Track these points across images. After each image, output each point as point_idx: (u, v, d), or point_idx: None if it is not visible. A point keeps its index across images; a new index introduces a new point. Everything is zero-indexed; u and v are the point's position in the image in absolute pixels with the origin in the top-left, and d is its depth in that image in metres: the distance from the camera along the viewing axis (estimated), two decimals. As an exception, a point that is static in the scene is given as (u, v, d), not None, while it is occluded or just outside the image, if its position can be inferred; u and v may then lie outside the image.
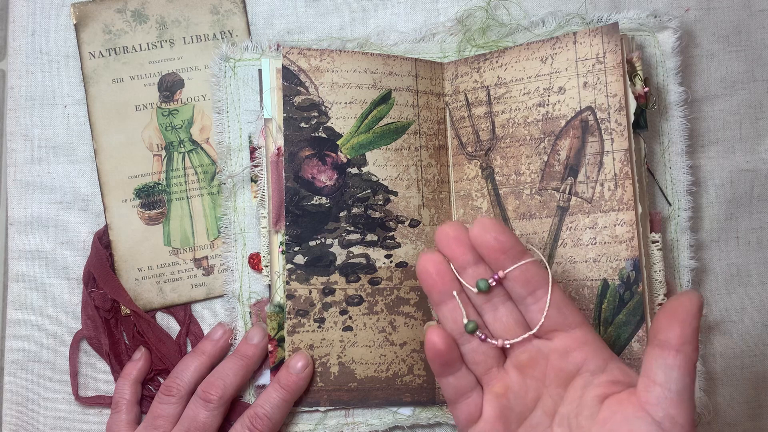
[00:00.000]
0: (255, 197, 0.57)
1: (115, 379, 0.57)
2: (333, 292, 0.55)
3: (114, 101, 0.60)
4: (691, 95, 0.59)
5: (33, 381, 0.58)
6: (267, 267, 0.56)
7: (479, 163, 0.57)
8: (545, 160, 0.55)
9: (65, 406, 0.58)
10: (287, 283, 0.55)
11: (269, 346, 0.55)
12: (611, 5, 0.59)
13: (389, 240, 0.56)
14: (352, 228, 0.56)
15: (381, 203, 0.56)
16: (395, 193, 0.56)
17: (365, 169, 0.56)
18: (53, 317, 0.59)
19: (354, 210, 0.56)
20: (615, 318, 0.52)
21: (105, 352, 0.58)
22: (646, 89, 0.54)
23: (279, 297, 0.55)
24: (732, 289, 0.59)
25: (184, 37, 0.60)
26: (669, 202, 0.57)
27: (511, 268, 0.44)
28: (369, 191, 0.56)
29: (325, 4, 0.61)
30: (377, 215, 0.56)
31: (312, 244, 0.55)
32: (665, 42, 0.57)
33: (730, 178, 0.59)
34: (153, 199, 0.59)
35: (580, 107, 0.54)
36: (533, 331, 0.45)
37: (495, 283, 0.45)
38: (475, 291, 0.45)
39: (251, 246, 0.58)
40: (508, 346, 0.46)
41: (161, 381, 0.58)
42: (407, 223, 0.56)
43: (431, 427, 0.58)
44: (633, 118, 0.53)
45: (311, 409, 0.56)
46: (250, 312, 0.57)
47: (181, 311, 0.59)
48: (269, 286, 0.56)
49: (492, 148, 0.57)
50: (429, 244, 0.57)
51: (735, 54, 0.60)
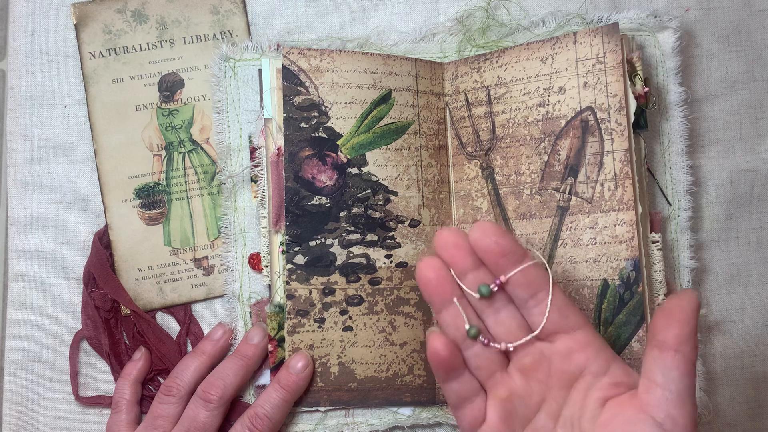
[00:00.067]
0: (255, 197, 0.57)
1: (115, 379, 0.57)
2: (333, 292, 0.55)
3: (114, 101, 0.60)
4: (691, 95, 0.59)
5: (33, 381, 0.58)
6: (267, 267, 0.56)
7: (479, 163, 0.57)
8: (545, 160, 0.55)
9: (65, 406, 0.58)
10: (287, 283, 0.55)
11: (269, 346, 0.55)
12: (611, 5, 0.59)
13: (389, 240, 0.56)
14: (352, 228, 0.56)
15: (381, 203, 0.56)
16: (395, 193, 0.56)
17: (365, 169, 0.56)
18: (53, 317, 0.59)
19: (354, 210, 0.56)
20: (615, 318, 0.52)
21: (105, 352, 0.58)
22: (646, 89, 0.54)
23: (279, 297, 0.55)
24: (732, 289, 0.59)
25: (184, 37, 0.60)
26: (669, 202, 0.57)
27: (513, 272, 0.44)
28: (369, 191, 0.56)
29: (325, 4, 0.61)
30: (377, 215, 0.56)
31: (312, 244, 0.55)
32: (665, 42, 0.57)
33: (730, 178, 0.59)
34: (153, 199, 0.59)
35: (580, 107, 0.54)
36: (535, 333, 0.44)
37: (497, 288, 0.45)
38: (477, 297, 0.45)
39: (251, 246, 0.58)
40: (511, 349, 0.45)
41: (161, 381, 0.58)
42: (407, 223, 0.56)
43: (431, 427, 0.58)
44: (633, 118, 0.53)
45: (311, 409, 0.56)
46: (250, 312, 0.57)
47: (181, 311, 0.59)
48: (269, 286, 0.56)
49: (492, 148, 0.57)
50: (429, 244, 0.57)
51: (735, 54, 0.60)
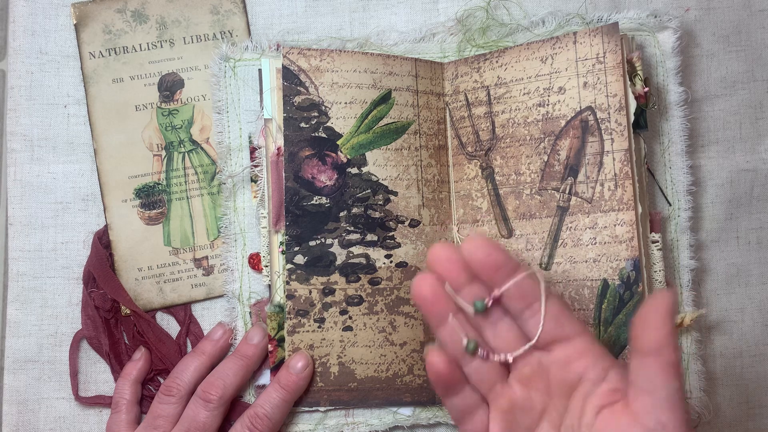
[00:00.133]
0: (255, 197, 0.57)
1: (115, 379, 0.57)
2: (333, 292, 0.55)
3: (114, 101, 0.60)
4: (691, 95, 0.59)
5: (33, 381, 0.58)
6: (267, 267, 0.56)
7: (479, 163, 0.57)
8: (545, 160, 0.55)
9: (65, 406, 0.58)
10: (287, 283, 0.55)
11: (269, 346, 0.55)
12: (611, 5, 0.59)
13: (389, 240, 0.56)
14: (352, 228, 0.56)
15: (381, 203, 0.56)
16: (395, 193, 0.56)
17: (365, 169, 0.56)
18: (53, 317, 0.59)
19: (354, 210, 0.56)
20: (615, 318, 0.52)
21: (105, 352, 0.58)
22: (646, 89, 0.54)
23: (279, 297, 0.55)
24: (732, 289, 0.59)
25: (184, 37, 0.60)
26: (669, 202, 0.57)
27: (506, 286, 0.43)
28: (369, 191, 0.56)
29: (325, 4, 0.61)
30: (377, 215, 0.56)
31: (312, 244, 0.55)
32: (665, 42, 0.57)
33: (730, 178, 0.59)
34: (153, 199, 0.59)
35: (580, 107, 0.54)
36: (532, 343, 0.44)
37: (491, 303, 0.44)
38: (472, 312, 0.45)
39: (251, 246, 0.58)
40: (510, 360, 0.45)
41: (161, 381, 0.58)
42: (407, 223, 0.56)
43: (431, 427, 0.58)
44: (633, 118, 0.53)
45: (311, 409, 0.56)
46: (250, 312, 0.57)
47: (181, 311, 0.59)
48: (269, 286, 0.56)
49: (492, 148, 0.57)
50: (429, 244, 0.57)
51: (735, 54, 0.60)
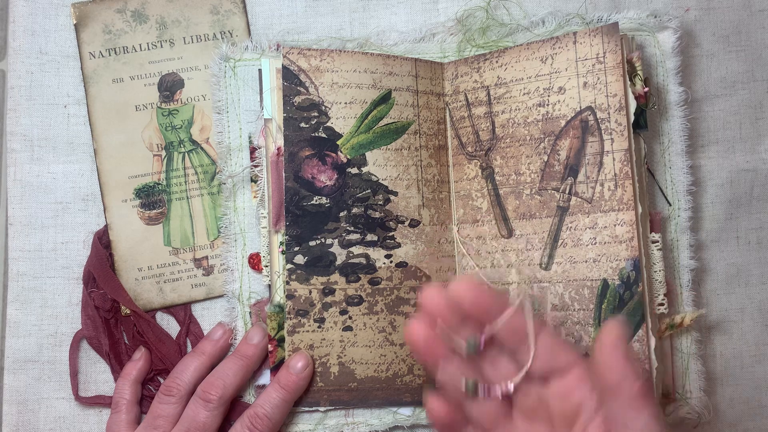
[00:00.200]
0: (255, 197, 0.57)
1: (115, 379, 0.57)
2: (333, 292, 0.55)
3: (114, 101, 0.60)
4: (691, 95, 0.59)
5: (33, 381, 0.58)
6: (267, 267, 0.56)
7: (479, 163, 0.57)
8: (545, 160, 0.55)
9: (65, 406, 0.58)
10: (287, 283, 0.55)
11: (269, 346, 0.55)
12: (611, 5, 0.59)
13: (389, 240, 0.56)
14: (352, 228, 0.56)
15: (381, 203, 0.56)
16: (395, 193, 0.56)
17: (365, 169, 0.56)
18: (53, 317, 0.59)
19: (354, 210, 0.56)
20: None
21: (105, 352, 0.58)
22: (646, 89, 0.54)
23: (279, 297, 0.55)
24: (732, 289, 0.59)
25: (184, 37, 0.60)
26: (669, 202, 0.57)
27: (495, 327, 0.43)
28: (369, 191, 0.56)
29: (325, 4, 0.61)
30: (377, 215, 0.56)
31: (312, 244, 0.55)
32: (665, 42, 0.57)
33: (730, 178, 0.59)
34: (153, 199, 0.59)
35: (580, 107, 0.54)
36: (526, 368, 0.44)
37: (487, 342, 0.44)
38: (465, 353, 0.44)
39: (251, 246, 0.58)
40: (512, 389, 0.44)
41: (161, 381, 0.58)
42: (407, 223, 0.56)
43: (431, 427, 0.58)
44: (633, 118, 0.53)
45: (311, 409, 0.56)
46: (250, 312, 0.57)
47: (181, 311, 0.59)
48: (269, 286, 0.56)
49: (492, 148, 0.57)
50: (429, 244, 0.57)
51: (735, 54, 0.60)
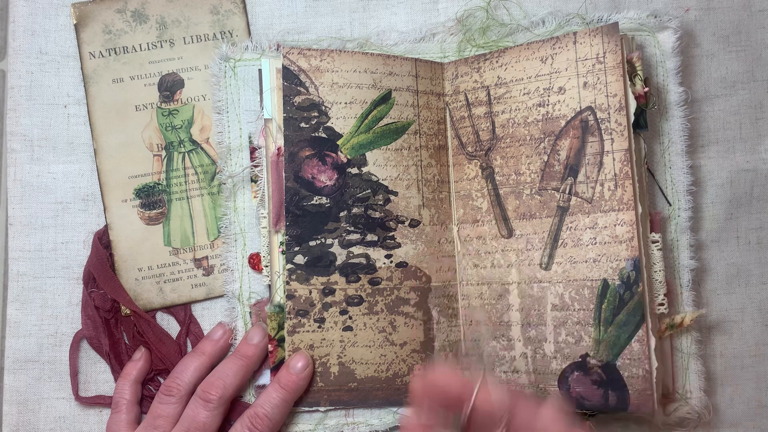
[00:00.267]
0: (255, 197, 0.57)
1: (115, 379, 0.57)
2: (333, 292, 0.55)
3: (114, 101, 0.60)
4: (691, 95, 0.59)
5: (33, 381, 0.58)
6: (267, 267, 0.56)
7: (479, 163, 0.57)
8: (545, 160, 0.55)
9: (65, 406, 0.58)
10: (287, 283, 0.55)
11: (269, 346, 0.55)
12: (611, 5, 0.59)
13: (389, 240, 0.56)
14: (352, 228, 0.56)
15: (381, 203, 0.56)
16: (395, 193, 0.56)
17: (365, 169, 0.56)
18: (53, 317, 0.59)
19: (354, 210, 0.56)
20: (615, 318, 0.52)
21: (105, 352, 0.58)
22: (646, 89, 0.54)
23: (279, 297, 0.55)
24: (732, 289, 0.59)
25: (184, 37, 0.60)
26: (669, 202, 0.57)
27: (465, 413, 0.44)
28: (369, 191, 0.56)
29: (325, 4, 0.61)
30: (377, 215, 0.56)
31: (312, 244, 0.55)
32: (665, 42, 0.57)
33: (730, 178, 0.59)
34: (153, 199, 0.59)
35: (580, 107, 0.54)
36: (468, 409, 0.44)
37: (466, 425, 0.45)
38: None
39: (251, 246, 0.58)
40: None
41: (161, 381, 0.58)
42: (407, 223, 0.56)
43: (431, 427, 0.58)
44: (633, 118, 0.53)
45: (311, 409, 0.56)
46: (250, 312, 0.57)
47: (181, 311, 0.59)
48: (269, 286, 0.56)
49: (492, 148, 0.57)
50: (429, 244, 0.57)
51: (735, 54, 0.60)
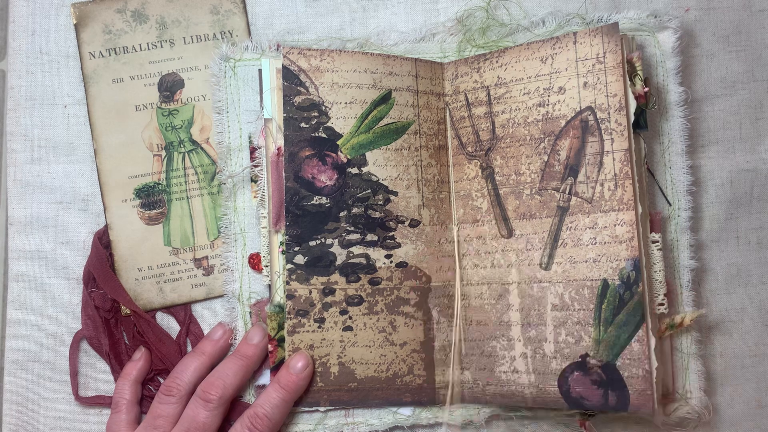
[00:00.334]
0: (255, 197, 0.57)
1: (115, 379, 0.57)
2: (333, 292, 0.55)
3: (114, 101, 0.60)
4: (691, 95, 0.59)
5: (33, 381, 0.58)
6: (267, 267, 0.56)
7: (479, 163, 0.57)
8: (545, 160, 0.55)
9: (65, 406, 0.58)
10: (287, 283, 0.55)
11: (269, 346, 0.55)
12: (611, 5, 0.59)
13: (389, 240, 0.56)
14: (352, 228, 0.56)
15: (381, 203, 0.56)
16: (395, 193, 0.56)
17: (365, 169, 0.56)
18: (53, 317, 0.59)
19: (354, 210, 0.56)
20: (615, 318, 0.52)
21: (105, 352, 0.58)
22: (646, 89, 0.54)
23: (279, 297, 0.55)
24: (732, 289, 0.59)
25: (184, 37, 0.60)
26: (669, 202, 0.57)
27: None
28: (369, 191, 0.56)
29: (325, 4, 0.61)
30: (377, 215, 0.56)
31: (312, 244, 0.55)
32: (665, 42, 0.57)
33: (730, 178, 0.59)
34: (153, 199, 0.59)
35: (580, 107, 0.54)
36: None
37: None
38: None
39: (251, 246, 0.58)
40: None
41: (161, 381, 0.58)
42: (407, 223, 0.56)
43: (431, 427, 0.58)
44: (633, 118, 0.53)
45: (311, 409, 0.56)
46: (250, 312, 0.57)
47: (181, 311, 0.59)
48: (269, 286, 0.56)
49: (492, 148, 0.57)
50: (429, 244, 0.57)
51: (735, 54, 0.60)
